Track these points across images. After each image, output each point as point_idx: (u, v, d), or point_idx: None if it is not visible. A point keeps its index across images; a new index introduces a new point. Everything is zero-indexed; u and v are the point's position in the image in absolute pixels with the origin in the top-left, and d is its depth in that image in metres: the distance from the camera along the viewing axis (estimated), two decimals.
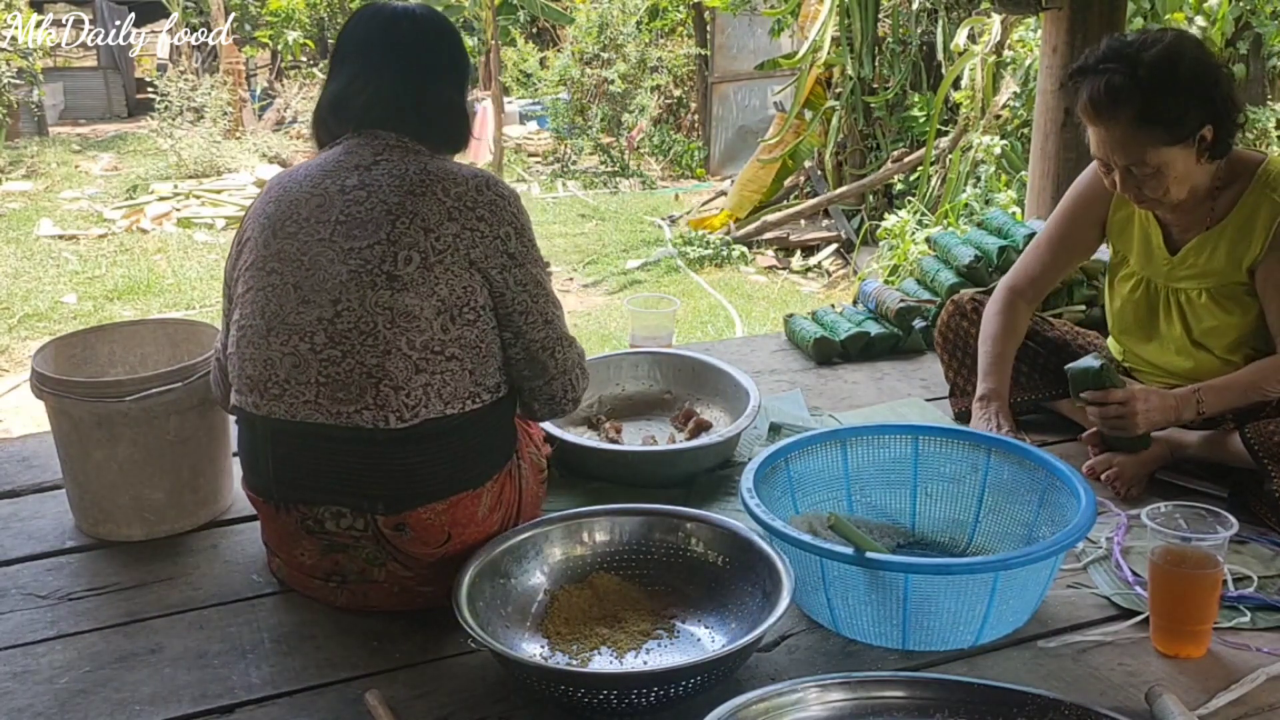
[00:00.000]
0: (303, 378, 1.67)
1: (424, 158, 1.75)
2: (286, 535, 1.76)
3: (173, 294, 6.89)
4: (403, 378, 1.64)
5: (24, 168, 11.01)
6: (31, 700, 1.59)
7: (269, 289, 1.71)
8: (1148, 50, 1.98)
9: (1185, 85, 1.97)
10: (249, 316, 1.73)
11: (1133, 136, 2.00)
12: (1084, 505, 1.70)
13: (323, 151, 1.81)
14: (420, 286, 1.65)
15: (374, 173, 1.72)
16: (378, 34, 1.81)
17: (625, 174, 11.08)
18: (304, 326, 1.67)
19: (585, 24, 11.38)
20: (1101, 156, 2.09)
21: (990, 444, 1.96)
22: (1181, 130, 1.99)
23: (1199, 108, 1.98)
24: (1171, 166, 2.02)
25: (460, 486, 1.71)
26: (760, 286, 7.27)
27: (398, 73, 1.78)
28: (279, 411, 1.69)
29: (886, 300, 3.13)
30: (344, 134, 1.80)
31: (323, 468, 1.69)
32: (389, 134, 1.77)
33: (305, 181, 1.75)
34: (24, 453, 2.39)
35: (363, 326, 1.65)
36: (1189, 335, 2.20)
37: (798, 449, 1.95)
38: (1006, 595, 1.63)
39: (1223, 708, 1.54)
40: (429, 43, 1.82)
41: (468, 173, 1.74)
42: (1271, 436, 2.02)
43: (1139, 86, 1.97)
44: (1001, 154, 6.27)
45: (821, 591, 1.68)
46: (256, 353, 1.71)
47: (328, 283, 1.67)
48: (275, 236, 1.73)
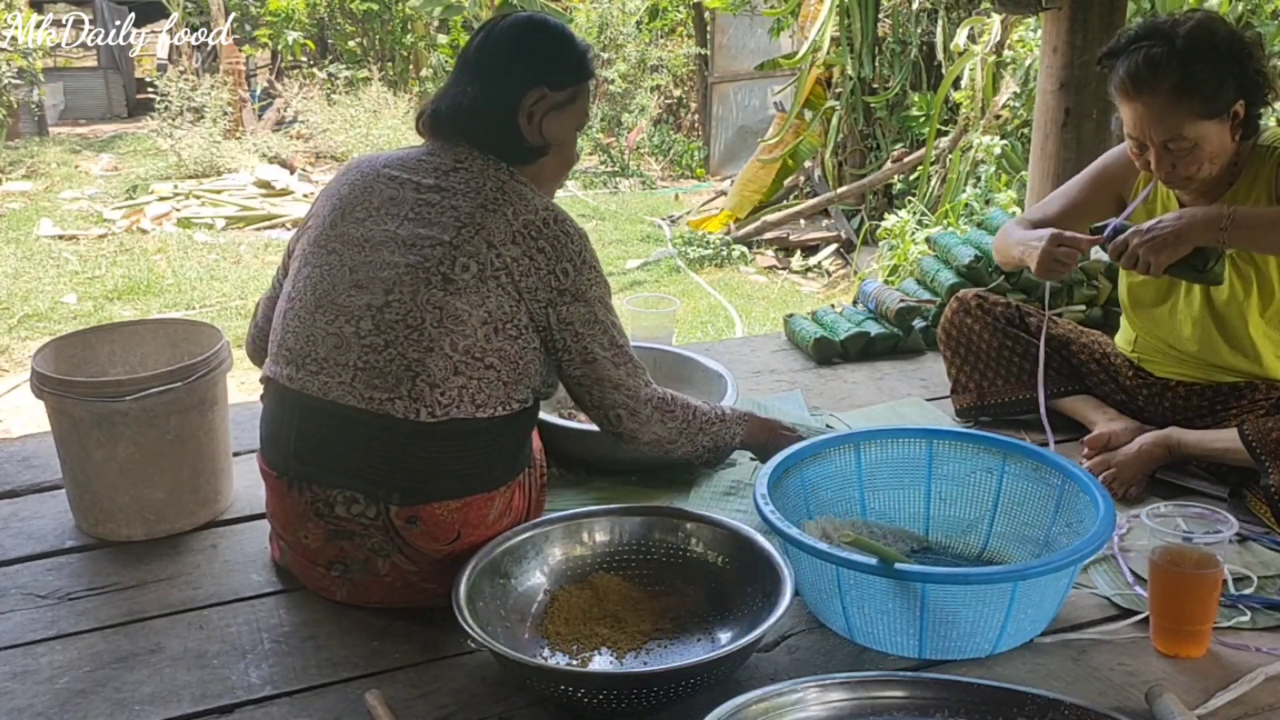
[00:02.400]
0: (342, 359, 1.70)
1: (504, 175, 1.77)
2: (294, 515, 1.77)
3: (173, 294, 6.88)
4: (440, 376, 1.67)
5: (24, 168, 11.00)
6: (31, 700, 1.59)
7: (325, 267, 1.76)
8: (1182, 25, 2.03)
9: (1222, 55, 2.01)
10: (300, 290, 1.78)
11: (1171, 108, 2.02)
12: (1103, 512, 1.69)
13: (408, 148, 1.85)
14: (472, 294, 1.68)
15: (452, 179, 1.75)
16: (470, 47, 1.84)
17: (625, 174, 11.07)
18: (353, 310, 1.71)
19: (585, 24, 11.38)
20: (1137, 135, 2.10)
21: (1006, 449, 1.95)
22: (1217, 103, 2.02)
23: (1234, 80, 2.02)
24: (1207, 141, 2.05)
25: (477, 488, 1.73)
26: (760, 286, 7.27)
27: (460, 84, 1.80)
28: (313, 388, 1.71)
29: (886, 300, 3.13)
30: (430, 139, 1.84)
31: (345, 450, 1.71)
32: (469, 145, 1.79)
33: (385, 171, 1.80)
34: (24, 453, 2.39)
35: (410, 320, 1.67)
36: (1210, 307, 2.21)
37: (810, 453, 1.94)
38: (1024, 604, 1.62)
39: (1222, 707, 1.54)
40: (491, 52, 1.81)
41: (541, 203, 1.76)
42: (1270, 433, 2.03)
43: (1178, 57, 2.00)
44: (1001, 154, 6.27)
45: (837, 599, 1.67)
46: (301, 326, 1.75)
47: (384, 272, 1.70)
48: (343, 219, 1.78)
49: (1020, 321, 2.50)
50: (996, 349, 2.49)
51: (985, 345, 2.50)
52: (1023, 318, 2.50)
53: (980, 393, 2.52)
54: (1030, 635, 1.69)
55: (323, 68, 13.82)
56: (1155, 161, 2.09)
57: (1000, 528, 1.94)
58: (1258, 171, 2.12)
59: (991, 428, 2.43)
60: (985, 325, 2.50)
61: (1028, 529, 1.90)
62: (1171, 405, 2.34)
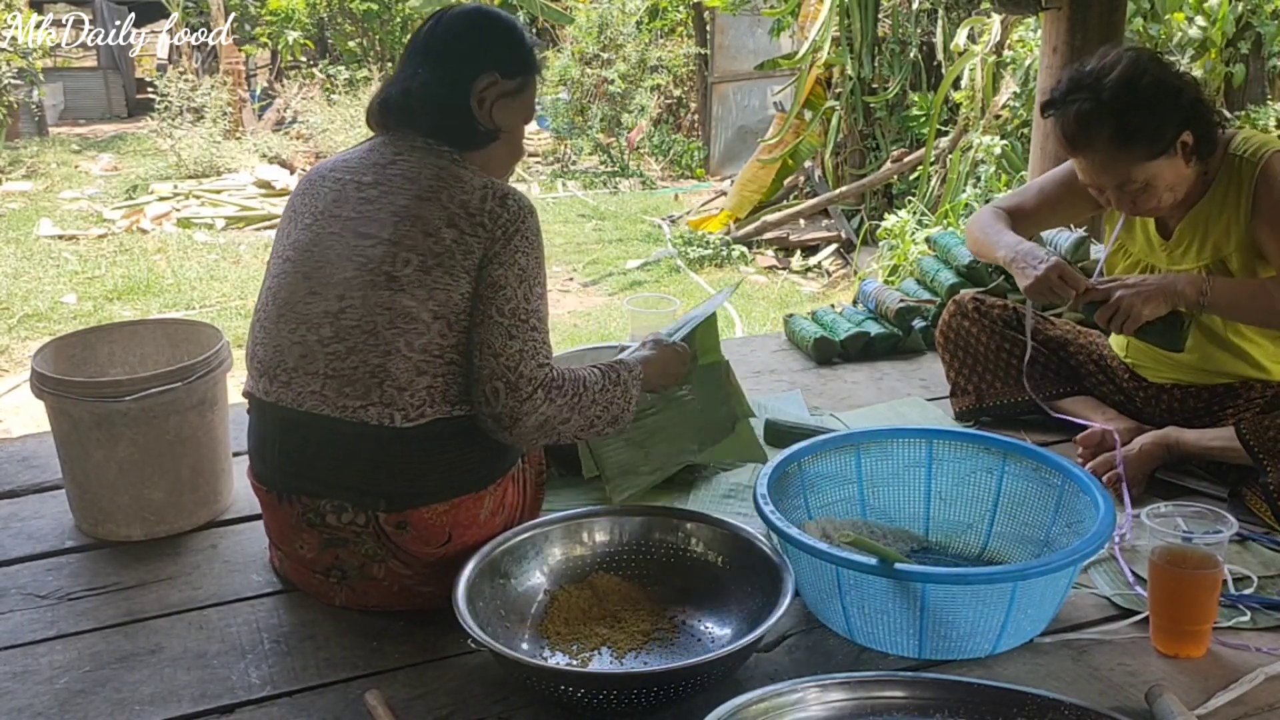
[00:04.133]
0: (311, 368, 1.69)
1: (444, 161, 1.73)
2: (288, 527, 1.76)
3: (173, 294, 6.88)
4: (405, 379, 1.65)
5: (24, 168, 10.99)
6: (31, 700, 1.59)
7: (282, 276, 1.75)
8: (1107, 74, 2.02)
9: (1150, 99, 2.00)
10: (264, 302, 1.78)
11: (1114, 158, 2.04)
12: (1103, 512, 1.70)
13: (356, 145, 1.85)
14: (417, 289, 1.65)
15: (389, 172, 1.73)
16: (419, 35, 1.82)
17: (625, 174, 11.07)
18: (312, 318, 1.69)
19: (585, 24, 11.36)
20: (1090, 183, 2.12)
21: (1006, 448, 1.95)
22: (1160, 142, 2.02)
23: (1171, 117, 2.02)
24: (1160, 178, 2.06)
25: (464, 488, 1.71)
26: (760, 286, 7.26)
27: (410, 71, 1.78)
28: (286, 399, 1.70)
29: (886, 300, 3.13)
30: (380, 132, 1.82)
31: (327, 461, 1.69)
32: (414, 134, 1.77)
33: (330, 175, 1.79)
34: (24, 453, 2.39)
35: (365, 325, 1.66)
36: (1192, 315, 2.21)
37: (811, 453, 1.94)
38: (1024, 605, 1.62)
39: (1222, 707, 1.54)
40: (440, 38, 1.79)
41: (479, 182, 1.71)
42: (1266, 432, 2.04)
43: (1107, 110, 2.00)
44: (1001, 154, 6.27)
45: (837, 599, 1.67)
46: (268, 337, 1.74)
47: (334, 277, 1.69)
48: (295, 226, 1.78)
49: (1018, 323, 2.50)
50: (994, 351, 2.49)
51: (983, 348, 2.50)
52: (1020, 320, 2.50)
53: (979, 395, 2.52)
54: (1030, 635, 1.69)
55: (323, 68, 13.82)
56: (1115, 202, 2.13)
57: (1000, 528, 1.94)
58: (1231, 183, 2.12)
59: (992, 428, 2.43)
60: (982, 328, 2.50)
61: (1028, 529, 1.90)
62: (1168, 406, 2.34)
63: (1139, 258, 2.30)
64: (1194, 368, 2.26)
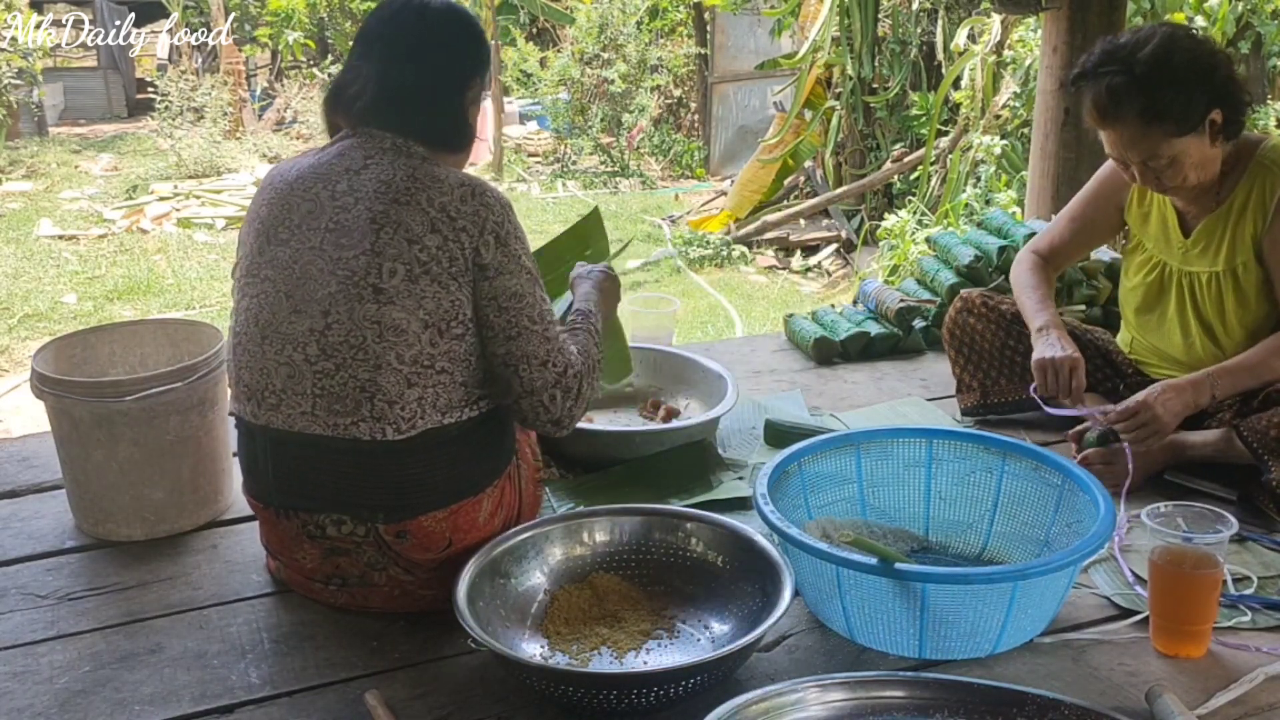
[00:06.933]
0: (298, 388, 1.65)
1: (415, 161, 1.68)
2: (287, 540, 1.75)
3: (173, 294, 6.88)
4: (395, 392, 1.62)
5: (24, 168, 10.99)
6: (31, 700, 1.59)
7: (262, 296, 1.69)
8: (1141, 49, 2.02)
9: (1183, 76, 2.01)
10: (244, 323, 1.71)
11: (1142, 133, 2.04)
12: (1103, 512, 1.70)
13: (322, 148, 1.77)
14: (406, 300, 1.62)
15: (362, 177, 1.67)
16: (381, 25, 1.76)
17: (625, 174, 11.07)
18: (297, 337, 1.65)
19: (585, 24, 11.36)
20: (1116, 155, 2.13)
21: (1006, 448, 1.95)
22: (1189, 120, 2.03)
23: (1202, 95, 2.02)
24: (1187, 154, 2.06)
25: (461, 494, 1.71)
26: (760, 286, 7.26)
27: (392, 67, 1.71)
28: (276, 422, 1.67)
29: (886, 300, 3.13)
30: (344, 127, 1.76)
31: (322, 478, 1.67)
32: (384, 133, 1.71)
33: (298, 184, 1.70)
34: (24, 453, 2.39)
35: (352, 340, 1.62)
36: (1197, 318, 2.24)
37: (811, 453, 1.94)
38: (1025, 604, 1.62)
39: (1222, 707, 1.54)
40: (430, 36, 1.74)
41: (455, 180, 1.67)
42: (1266, 431, 2.05)
43: (1138, 85, 2.00)
44: (1001, 154, 6.27)
45: (837, 599, 1.67)
46: (252, 361, 1.69)
47: (318, 293, 1.64)
48: (269, 243, 1.70)
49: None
50: (1000, 348, 2.49)
51: (989, 345, 2.50)
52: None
53: (984, 392, 2.52)
54: (1030, 635, 1.69)
55: (323, 68, 13.82)
56: (1139, 177, 2.13)
57: (1000, 527, 1.94)
58: (1256, 188, 2.13)
59: (994, 427, 2.43)
60: (989, 325, 2.51)
61: (1028, 529, 1.90)
62: None
63: (1152, 254, 2.30)
64: (1190, 367, 2.26)
